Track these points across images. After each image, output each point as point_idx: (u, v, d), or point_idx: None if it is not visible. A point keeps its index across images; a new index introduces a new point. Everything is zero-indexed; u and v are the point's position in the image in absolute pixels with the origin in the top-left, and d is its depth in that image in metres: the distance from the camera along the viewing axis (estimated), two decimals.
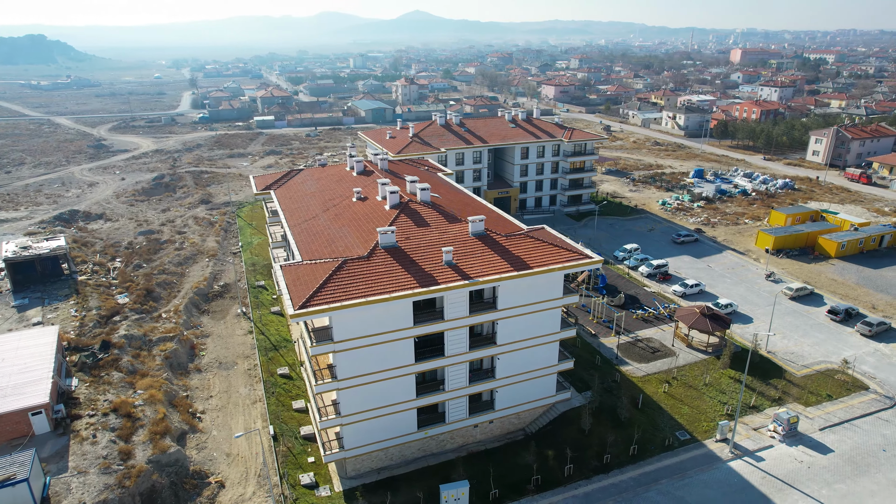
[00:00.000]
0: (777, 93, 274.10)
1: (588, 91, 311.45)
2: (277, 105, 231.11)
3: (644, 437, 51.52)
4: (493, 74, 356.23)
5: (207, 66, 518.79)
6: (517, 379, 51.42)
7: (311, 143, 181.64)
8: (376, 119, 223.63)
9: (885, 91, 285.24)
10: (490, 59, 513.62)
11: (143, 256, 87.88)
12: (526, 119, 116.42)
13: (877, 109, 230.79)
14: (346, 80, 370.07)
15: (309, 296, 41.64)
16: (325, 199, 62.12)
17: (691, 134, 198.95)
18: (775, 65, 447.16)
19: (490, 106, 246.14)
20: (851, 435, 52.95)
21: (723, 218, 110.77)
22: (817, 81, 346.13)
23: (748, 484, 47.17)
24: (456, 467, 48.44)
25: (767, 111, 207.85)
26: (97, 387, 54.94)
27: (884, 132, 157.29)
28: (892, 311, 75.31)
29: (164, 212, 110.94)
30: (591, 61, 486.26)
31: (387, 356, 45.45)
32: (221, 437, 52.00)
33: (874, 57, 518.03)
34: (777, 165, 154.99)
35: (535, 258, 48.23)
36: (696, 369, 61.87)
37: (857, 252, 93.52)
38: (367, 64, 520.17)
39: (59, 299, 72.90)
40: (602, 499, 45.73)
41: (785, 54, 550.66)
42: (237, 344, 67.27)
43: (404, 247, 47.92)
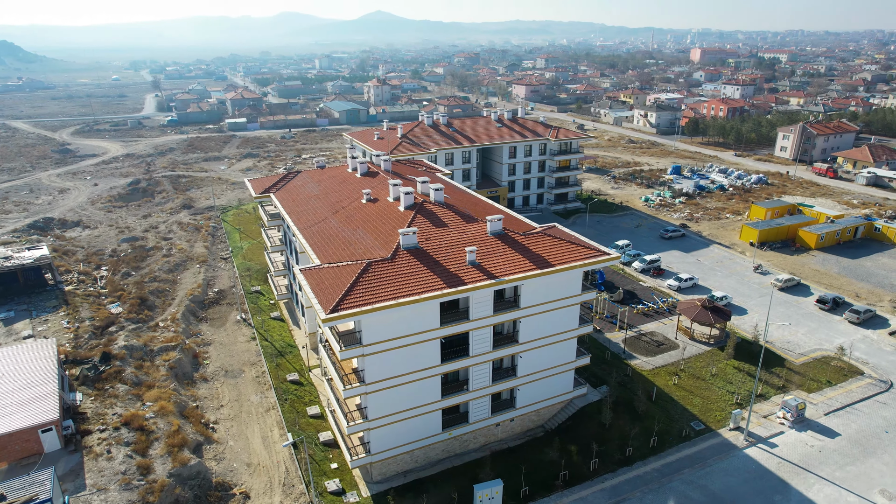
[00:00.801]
0: (739, 91, 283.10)
1: (558, 90, 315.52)
2: (248, 107, 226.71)
3: (662, 428, 52.54)
4: (463, 75, 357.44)
5: (168, 68, 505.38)
6: (538, 376, 51.78)
7: (287, 145, 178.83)
8: (350, 120, 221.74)
9: (838, 89, 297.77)
10: (457, 59, 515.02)
11: (131, 264, 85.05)
12: (512, 118, 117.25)
13: (833, 106, 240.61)
14: (313, 81, 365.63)
15: (338, 300, 41.02)
16: (332, 202, 61.28)
17: (663, 131, 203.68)
18: (733, 64, 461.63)
19: (464, 106, 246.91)
20: (854, 418, 55.10)
21: (705, 213, 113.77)
22: (774, 80, 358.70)
23: (766, 470, 48.61)
24: (482, 466, 48.45)
25: (734, 109, 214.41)
26: (103, 400, 52.95)
27: (845, 128, 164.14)
28: (874, 298, 78.65)
29: (145, 218, 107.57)
30: (556, 61, 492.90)
31: (414, 358, 45.17)
32: (239, 447, 50.75)
33: (823, 56, 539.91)
34: (748, 161, 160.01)
35: (556, 256, 48.64)
36: (701, 361, 63.41)
37: (835, 243, 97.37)
38: (333, 65, 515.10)
39: (47, 311, 69.92)
40: (629, 491, 46.45)
41: (741, 54, 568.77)
42: (241, 351, 65.76)
43: (426, 247, 47.70)
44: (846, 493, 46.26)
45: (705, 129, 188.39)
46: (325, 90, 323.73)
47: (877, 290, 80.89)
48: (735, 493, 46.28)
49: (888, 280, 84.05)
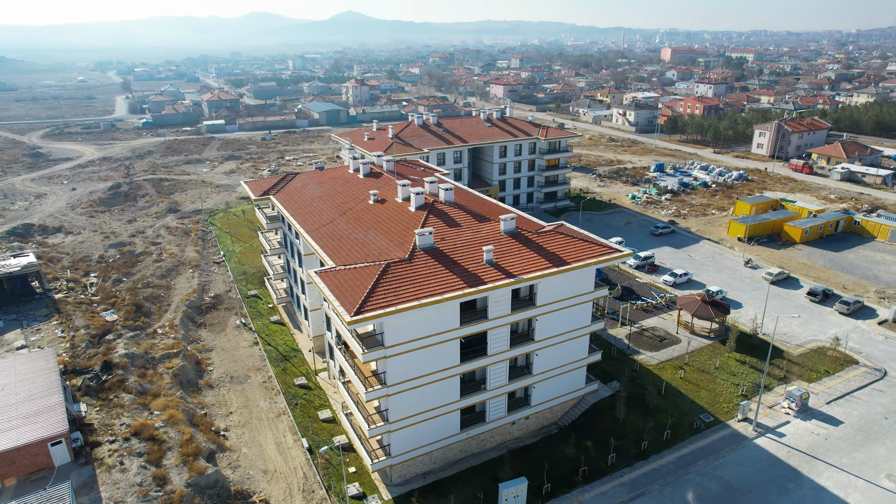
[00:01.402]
0: (712, 89, 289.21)
1: (535, 90, 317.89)
2: (225, 108, 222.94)
3: (673, 422, 53.36)
4: (440, 75, 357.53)
5: (137, 69, 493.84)
6: (552, 374, 52.11)
7: (269, 146, 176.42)
8: (330, 121, 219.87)
9: (805, 87, 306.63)
10: (432, 59, 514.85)
11: (121, 270, 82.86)
12: (500, 118, 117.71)
13: (802, 104, 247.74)
14: (288, 82, 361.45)
15: (361, 302, 40.65)
16: (337, 203, 60.67)
17: (642, 130, 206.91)
18: (703, 63, 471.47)
19: (443, 106, 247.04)
20: (855, 406, 56.79)
21: (691, 210, 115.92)
22: (743, 79, 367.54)
23: (777, 459, 49.78)
24: (501, 465, 48.60)
25: (709, 107, 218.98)
26: (109, 410, 51.49)
27: (818, 125, 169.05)
28: (860, 290, 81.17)
29: (130, 222, 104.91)
30: (531, 61, 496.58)
31: (434, 359, 45.02)
32: (253, 453, 49.88)
33: (787, 56, 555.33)
34: (727, 158, 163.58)
35: (570, 253, 49.01)
36: (703, 354, 64.60)
37: (818, 237, 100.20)
38: (307, 66, 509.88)
39: (38, 320, 67.68)
40: (648, 484, 47.08)
41: (710, 53, 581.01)
42: (244, 356, 64.64)
43: (442, 247, 47.58)
44: (855, 479, 47.66)
45: (684, 127, 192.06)
46: (302, 91, 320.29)
47: (862, 281, 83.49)
48: (750, 482, 47.29)
49: (871, 272, 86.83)
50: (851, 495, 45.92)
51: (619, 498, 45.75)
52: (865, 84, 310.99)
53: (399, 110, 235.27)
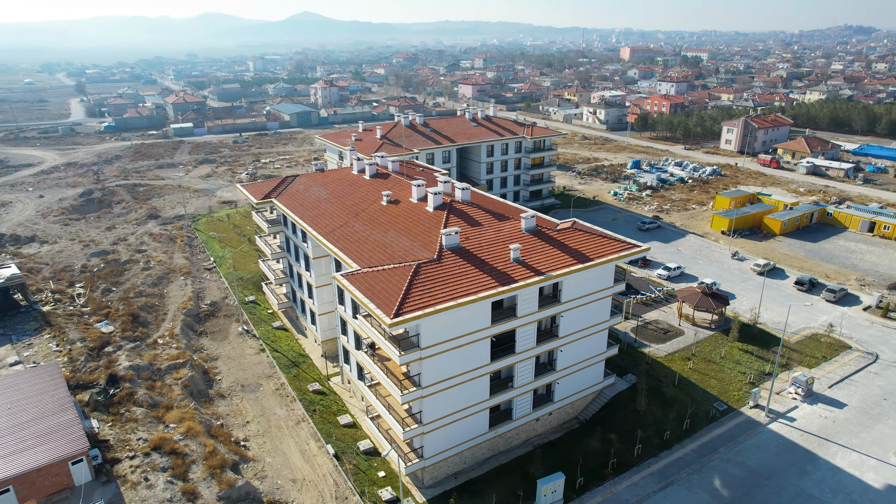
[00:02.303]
0: (674, 88, 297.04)
1: (502, 90, 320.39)
2: (192, 111, 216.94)
3: (690, 411, 54.67)
4: (407, 75, 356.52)
5: (88, 71, 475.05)
6: (574, 369, 52.70)
7: (242, 149, 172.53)
8: (301, 123, 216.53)
9: (761, 85, 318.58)
10: (396, 59, 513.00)
11: (108, 280, 79.70)
12: (486, 118, 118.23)
13: (760, 101, 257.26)
14: (251, 83, 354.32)
15: (399, 303, 40.26)
16: (348, 205, 59.84)
17: (612, 128, 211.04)
18: (662, 62, 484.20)
19: (415, 106, 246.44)
20: (855, 389, 59.34)
21: (672, 205, 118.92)
22: (702, 77, 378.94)
23: (792, 443, 51.59)
24: (529, 462, 48.84)
25: (675, 105, 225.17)
26: (122, 425, 49.50)
27: (781, 122, 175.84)
28: (842, 278, 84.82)
29: (109, 230, 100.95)
30: (493, 61, 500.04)
31: (466, 358, 44.95)
32: (278, 463, 48.74)
33: (739, 55, 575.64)
34: (698, 154, 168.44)
35: (591, 250, 49.67)
36: (707, 345, 66.40)
37: (795, 229, 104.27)
38: (269, 67, 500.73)
39: (28, 334, 64.50)
40: (675, 473, 48.12)
41: (666, 52, 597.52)
42: (252, 364, 63.08)
43: (468, 247, 47.55)
44: (866, 458, 49.80)
45: (654, 124, 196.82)
46: (267, 93, 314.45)
47: (843, 270, 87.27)
48: (770, 466, 48.88)
49: (849, 260, 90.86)
50: (866, 474, 47.98)
51: (649, 488, 46.63)
52: (815, 82, 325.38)
53: (370, 111, 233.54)
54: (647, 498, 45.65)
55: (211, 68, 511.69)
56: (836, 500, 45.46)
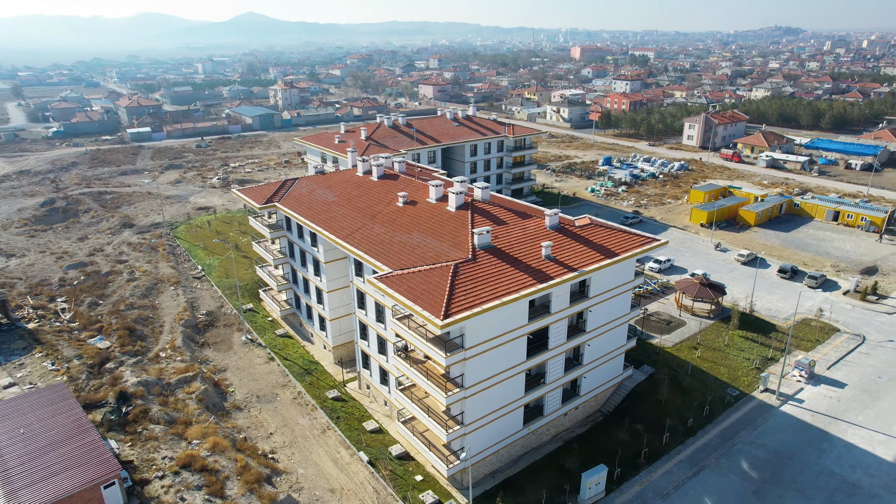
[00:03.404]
0: (628, 86, 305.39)
1: (461, 89, 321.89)
2: (148, 115, 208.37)
3: (707, 398, 56.45)
4: (365, 76, 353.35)
5: (21, 73, 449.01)
6: (598, 362, 53.54)
7: (207, 154, 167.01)
8: (264, 125, 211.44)
9: (710, 83, 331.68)
10: (350, 60, 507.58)
11: (92, 293, 75.70)
12: (466, 118, 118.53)
13: (712, 98, 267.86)
14: (203, 86, 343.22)
15: (446, 304, 39.95)
16: (361, 207, 58.85)
17: (576, 126, 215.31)
18: (612, 60, 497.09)
19: (377, 107, 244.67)
20: (850, 369, 62.61)
21: (649, 200, 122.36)
22: (652, 75, 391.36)
23: (806, 423, 54.00)
24: (565, 455, 49.34)
25: (635, 102, 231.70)
26: (142, 444, 47.18)
27: (738, 118, 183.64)
28: (818, 265, 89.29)
29: (81, 240, 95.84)
30: (448, 61, 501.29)
31: (505, 357, 45.02)
32: (311, 473, 47.48)
33: (682, 54, 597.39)
34: (662, 150, 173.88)
35: (615, 244, 50.60)
36: (710, 334, 68.69)
37: (767, 219, 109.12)
38: (218, 69, 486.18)
39: (16, 353, 60.59)
40: (705, 458, 49.59)
41: (615, 51, 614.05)
42: (263, 374, 61.21)
43: (498, 245, 47.61)
44: (874, 433, 52.64)
45: (618, 122, 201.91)
46: (221, 95, 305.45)
47: (818, 257, 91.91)
48: (790, 446, 51.02)
49: (822, 248, 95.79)
50: (877, 448, 50.73)
51: (683, 474, 47.89)
52: (759, 80, 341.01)
53: (334, 113, 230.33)
54: (682, 484, 46.87)
55: (156, 70, 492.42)
56: (856, 474, 47.87)
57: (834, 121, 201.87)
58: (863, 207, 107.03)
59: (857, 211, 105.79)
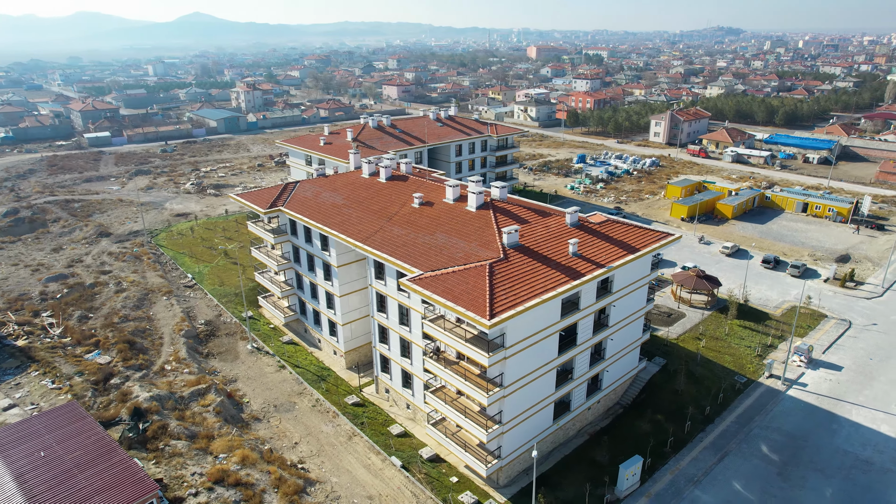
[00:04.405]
0: (588, 84, 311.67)
1: (425, 90, 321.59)
2: (105, 119, 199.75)
3: (718, 386, 58.32)
4: (327, 77, 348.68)
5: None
6: (619, 356, 54.59)
7: (174, 159, 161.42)
8: (230, 128, 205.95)
9: (666, 81, 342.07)
10: (308, 61, 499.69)
11: (80, 305, 72.16)
12: (448, 118, 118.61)
13: (671, 96, 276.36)
14: (157, 88, 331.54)
15: (489, 304, 39.97)
16: (374, 209, 58.14)
17: (544, 124, 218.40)
18: (569, 60, 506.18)
19: (344, 108, 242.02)
20: (843, 353, 65.82)
21: (628, 196, 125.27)
22: (610, 74, 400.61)
23: (812, 406, 56.47)
24: (593, 449, 50.11)
25: (599, 101, 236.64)
26: (167, 461, 45.35)
27: (701, 114, 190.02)
28: (796, 255, 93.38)
29: (56, 251, 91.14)
30: (407, 62, 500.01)
31: (539, 354, 45.38)
32: (345, 482, 46.64)
33: (634, 54, 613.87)
34: (630, 147, 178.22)
35: (633, 240, 51.70)
36: (710, 324, 70.95)
37: (743, 212, 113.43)
38: (170, 71, 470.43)
39: (10, 373, 57.24)
40: (726, 444, 51.24)
41: (569, 51, 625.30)
42: (276, 383, 59.71)
43: (525, 244, 47.94)
44: (875, 412, 55.51)
45: (585, 120, 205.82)
46: (178, 98, 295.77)
47: (795, 247, 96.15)
48: (803, 428, 53.26)
49: (798, 238, 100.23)
50: (882, 426, 53.53)
51: (709, 461, 49.35)
52: (711, 78, 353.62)
53: (300, 115, 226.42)
54: (710, 470, 48.30)
55: (102, 73, 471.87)
56: (867, 452, 50.39)
57: (786, 117, 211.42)
58: (829, 199, 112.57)
59: (825, 202, 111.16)
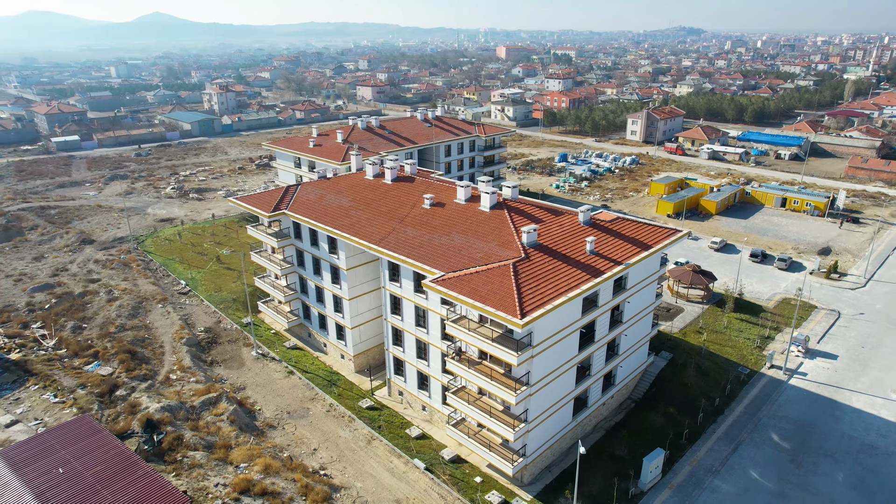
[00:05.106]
0: (561, 84, 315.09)
1: (399, 91, 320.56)
2: (73, 123, 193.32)
3: (724, 378, 59.76)
4: (298, 79, 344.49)
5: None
6: (631, 351, 55.45)
7: (150, 163, 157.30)
8: (204, 131, 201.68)
9: (637, 80, 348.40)
10: (277, 62, 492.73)
11: (71, 316, 69.78)
12: (436, 118, 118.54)
13: (643, 94, 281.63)
14: (123, 90, 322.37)
15: (519, 304, 40.17)
16: (383, 211, 57.74)
17: (521, 124, 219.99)
18: (538, 60, 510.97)
19: (321, 109, 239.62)
20: (836, 342, 68.17)
21: (613, 193, 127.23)
22: (580, 74, 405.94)
23: (814, 394, 58.34)
24: (612, 443, 50.78)
25: (574, 100, 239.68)
26: (187, 473, 44.25)
27: (676, 113, 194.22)
28: (781, 248, 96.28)
29: (38, 260, 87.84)
30: (378, 62, 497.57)
31: (562, 352, 45.81)
32: (370, 486, 46.24)
33: (602, 53, 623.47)
34: (608, 145, 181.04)
35: (644, 237, 52.61)
36: (709, 318, 72.62)
37: (726, 208, 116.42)
38: (134, 73, 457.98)
39: (8, 388, 55.02)
40: (738, 434, 52.55)
41: (538, 51, 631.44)
42: (286, 389, 58.79)
43: (544, 242, 48.31)
44: (874, 398, 57.69)
45: (562, 119, 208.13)
46: (146, 101, 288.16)
47: (779, 241, 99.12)
48: (808, 416, 55.00)
49: (779, 232, 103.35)
50: (881, 411, 55.65)
51: (724, 451, 50.54)
52: (679, 77, 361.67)
53: (276, 116, 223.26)
54: (726, 460, 49.49)
55: (61, 74, 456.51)
56: (870, 436, 52.33)
57: (755, 115, 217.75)
58: (806, 194, 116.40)
59: (802, 197, 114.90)
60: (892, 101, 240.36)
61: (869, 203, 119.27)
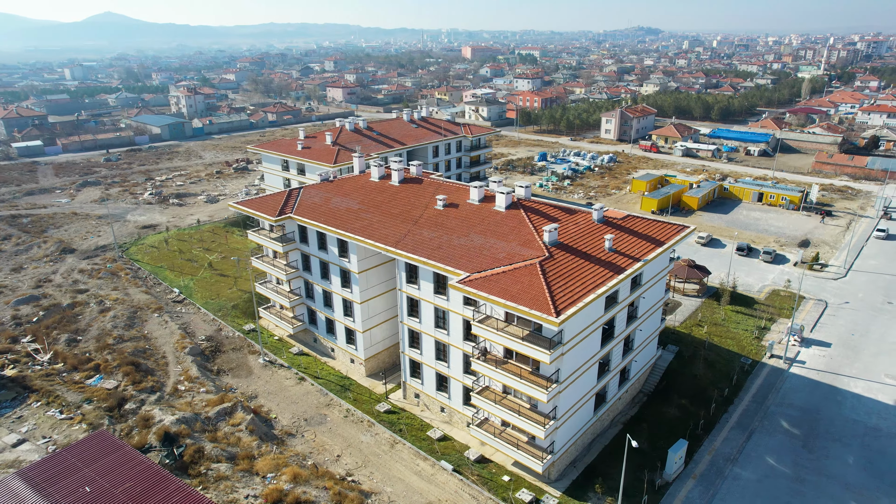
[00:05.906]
0: (530, 84, 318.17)
1: (370, 92, 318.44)
2: (34, 128, 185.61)
3: (729, 369, 61.49)
4: (266, 80, 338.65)
5: None
6: (644, 345, 56.57)
7: (122, 168, 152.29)
8: (174, 135, 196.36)
9: (604, 79, 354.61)
10: (241, 64, 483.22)
11: (63, 328, 67.05)
12: (422, 119, 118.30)
13: (611, 94, 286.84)
14: (81, 93, 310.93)
15: (552, 303, 40.54)
16: (395, 213, 57.39)
17: (496, 124, 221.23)
18: (504, 60, 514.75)
19: (293, 111, 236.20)
20: (828, 330, 70.91)
21: (595, 191, 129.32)
22: (546, 73, 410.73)
23: (815, 381, 60.56)
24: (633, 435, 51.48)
25: (546, 100, 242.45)
26: (215, 486, 43.13)
27: (648, 111, 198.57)
28: (763, 241, 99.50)
29: (17, 271, 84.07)
30: (345, 63, 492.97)
31: (587, 348, 46.43)
32: (399, 491, 45.91)
33: (565, 53, 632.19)
34: (584, 144, 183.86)
35: (655, 233, 53.71)
36: (706, 311, 74.55)
37: (706, 203, 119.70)
38: (90, 75, 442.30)
39: (9, 406, 52.55)
40: (750, 422, 54.16)
41: (502, 51, 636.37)
42: (299, 396, 57.85)
43: (564, 241, 48.85)
44: (870, 383, 60.26)
45: (537, 118, 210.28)
46: (107, 104, 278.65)
47: (761, 235, 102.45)
48: (812, 402, 57.09)
49: (759, 226, 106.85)
50: (878, 395, 58.17)
51: (739, 439, 52.04)
52: (643, 76, 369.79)
53: (248, 119, 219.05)
54: (742, 448, 50.96)
55: (11, 77, 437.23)
56: (872, 419, 54.66)
57: (721, 112, 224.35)
58: (781, 189, 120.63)
59: (777, 192, 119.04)
60: (846, 98, 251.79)
61: (837, 196, 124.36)
